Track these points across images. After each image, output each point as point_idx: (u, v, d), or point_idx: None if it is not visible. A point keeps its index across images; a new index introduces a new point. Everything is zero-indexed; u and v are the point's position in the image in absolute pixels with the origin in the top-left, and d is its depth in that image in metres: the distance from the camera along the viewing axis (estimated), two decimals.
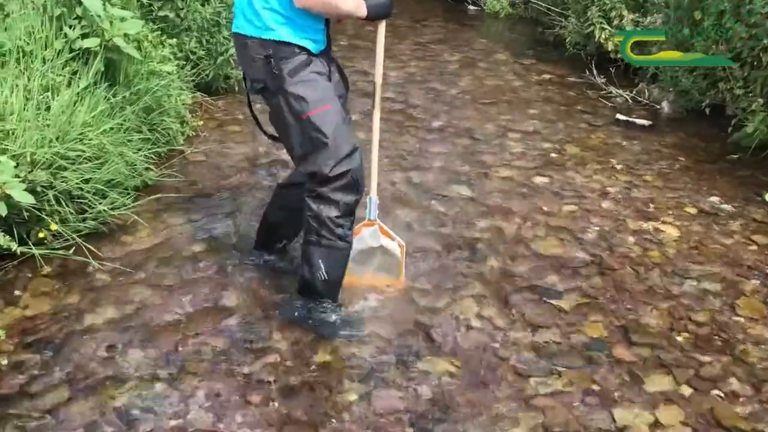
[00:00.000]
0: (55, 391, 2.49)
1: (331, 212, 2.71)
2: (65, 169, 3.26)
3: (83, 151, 3.33)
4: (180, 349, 2.72)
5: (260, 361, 2.67)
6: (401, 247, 3.09)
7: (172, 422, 2.40)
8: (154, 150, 4.01)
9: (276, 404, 2.48)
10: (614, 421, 2.47)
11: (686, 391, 2.62)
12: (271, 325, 2.86)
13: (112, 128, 3.61)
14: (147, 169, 3.86)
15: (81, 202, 3.35)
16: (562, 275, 3.29)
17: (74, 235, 3.19)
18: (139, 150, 3.86)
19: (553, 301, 3.09)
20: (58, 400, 2.45)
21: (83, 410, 2.42)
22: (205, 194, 3.92)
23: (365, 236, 3.09)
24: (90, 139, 3.37)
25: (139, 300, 2.99)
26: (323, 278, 2.80)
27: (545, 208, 3.92)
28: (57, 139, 3.26)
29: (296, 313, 2.87)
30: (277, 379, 2.58)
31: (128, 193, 3.64)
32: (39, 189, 3.10)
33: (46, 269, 3.13)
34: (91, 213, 3.35)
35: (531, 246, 3.53)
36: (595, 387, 2.62)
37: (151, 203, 3.68)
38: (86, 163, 3.35)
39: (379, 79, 2.93)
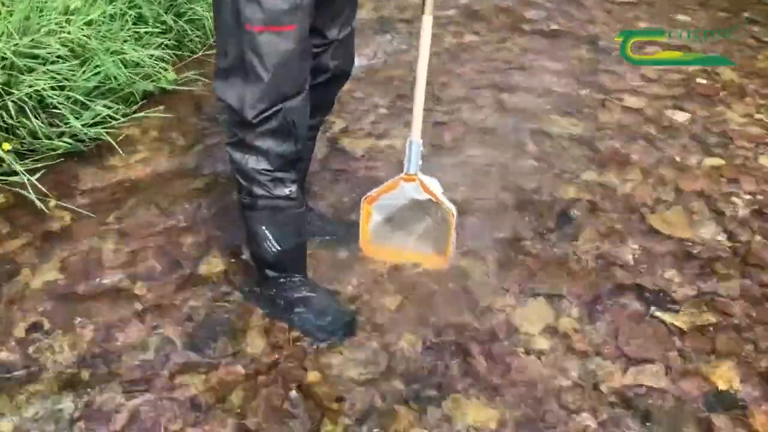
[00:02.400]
0: None
1: (260, 164, 1.85)
2: (31, 70, 2.51)
3: (58, 48, 2.55)
4: (117, 339, 1.98)
5: (218, 372, 1.88)
6: (451, 216, 2.17)
7: None
8: (176, 49, 3.20)
9: None
10: None
11: None
12: (250, 313, 2.06)
13: (111, 16, 2.81)
14: (161, 71, 3.05)
15: (57, 113, 2.62)
16: (684, 270, 2.28)
17: (19, 167, 2.45)
18: (161, 46, 3.07)
19: (665, 316, 2.10)
20: None
21: None
22: None
23: (406, 190, 2.19)
24: (67, 32, 2.59)
25: (96, 257, 2.26)
26: (274, 249, 1.97)
27: (679, 160, 2.85)
28: (19, 30, 2.49)
29: (270, 304, 2.06)
30: (234, 410, 1.79)
31: (130, 102, 2.89)
32: None
33: None
34: (67, 128, 2.61)
35: (648, 218, 2.51)
36: None
37: (159, 117, 2.91)
38: (63, 62, 2.58)
39: None
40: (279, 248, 1.97)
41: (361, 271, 2.21)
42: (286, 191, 1.91)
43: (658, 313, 2.10)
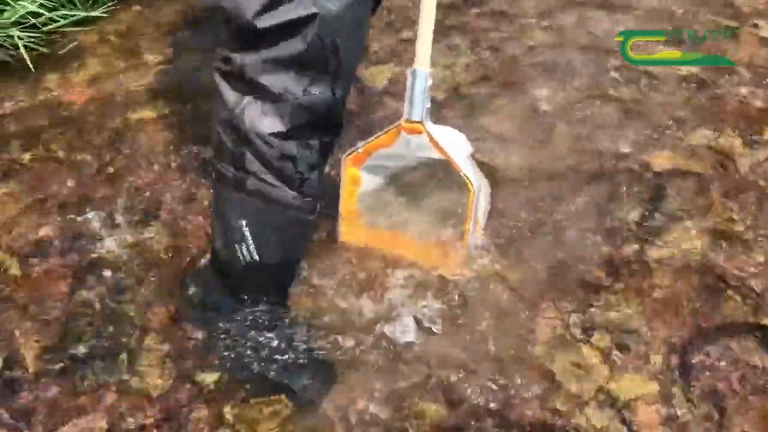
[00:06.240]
0: None
1: (264, 120, 1.10)
2: None
3: None
4: None
5: (85, 418, 1.22)
6: (469, 191, 1.40)
7: None
8: None
9: None
10: None
11: None
12: (146, 329, 1.38)
13: None
14: None
15: None
16: None
17: None
18: None
19: None
20: None
21: None
22: None
23: (412, 144, 1.42)
24: None
25: None
26: (247, 259, 1.24)
27: None
28: None
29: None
30: None
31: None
32: None
33: None
34: None
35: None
36: None
37: (129, 21, 2.24)
38: None
39: None
40: (255, 258, 1.25)
41: (337, 269, 1.49)
42: (298, 173, 1.18)
43: None
